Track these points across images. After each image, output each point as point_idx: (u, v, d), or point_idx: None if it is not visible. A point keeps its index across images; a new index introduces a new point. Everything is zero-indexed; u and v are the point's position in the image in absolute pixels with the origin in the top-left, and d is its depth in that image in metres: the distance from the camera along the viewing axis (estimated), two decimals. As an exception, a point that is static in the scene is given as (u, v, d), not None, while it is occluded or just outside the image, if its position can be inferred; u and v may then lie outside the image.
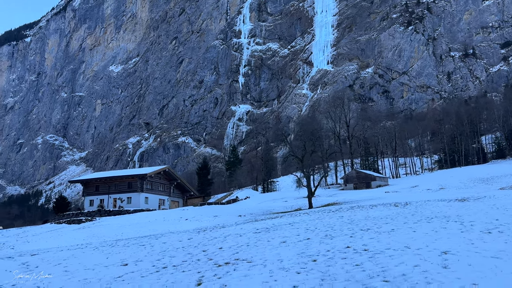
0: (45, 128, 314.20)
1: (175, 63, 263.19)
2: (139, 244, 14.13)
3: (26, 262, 12.08)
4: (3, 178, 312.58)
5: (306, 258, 8.44)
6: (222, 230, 16.61)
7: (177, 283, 7.18)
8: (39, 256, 13.22)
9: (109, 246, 14.82)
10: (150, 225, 38.87)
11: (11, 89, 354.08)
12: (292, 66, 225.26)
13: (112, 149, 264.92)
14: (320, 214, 21.40)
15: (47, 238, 34.64)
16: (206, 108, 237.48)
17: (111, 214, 56.35)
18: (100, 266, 10.13)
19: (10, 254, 17.34)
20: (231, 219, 40.80)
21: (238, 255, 9.34)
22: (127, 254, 11.82)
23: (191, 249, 11.44)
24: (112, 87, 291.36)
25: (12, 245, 32.83)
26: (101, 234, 34.88)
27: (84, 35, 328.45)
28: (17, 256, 13.83)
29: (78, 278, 8.73)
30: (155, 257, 10.86)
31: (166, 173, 68.87)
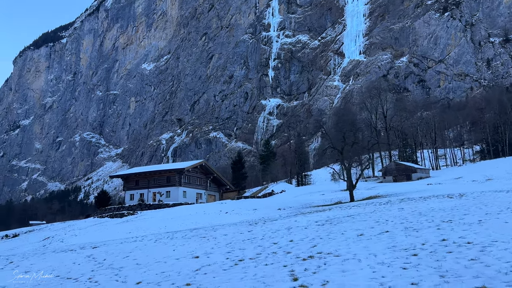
0: (82, 126, 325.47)
1: (205, 59, 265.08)
2: (200, 236, 13.79)
3: (91, 255, 11.96)
4: (44, 175, 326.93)
5: (402, 252, 7.71)
6: (275, 223, 16.05)
7: (268, 277, 6.64)
8: (101, 249, 13.14)
9: (168, 239, 14.58)
10: (192, 218, 38.98)
11: (49, 89, 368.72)
12: (322, 57, 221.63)
13: (147, 145, 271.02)
14: (373, 207, 20.42)
15: (93, 232, 35.38)
16: (236, 103, 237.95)
17: (151, 208, 57.25)
18: (171, 259, 9.80)
19: (69, 247, 17.49)
20: (271, 212, 40.27)
21: (317, 249, 8.72)
22: (192, 247, 11.47)
23: (259, 241, 10.95)
24: (145, 84, 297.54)
25: (61, 238, 33.73)
26: (146, 227, 35.25)
27: (116, 34, 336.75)
28: (79, 249, 13.83)
29: (155, 271, 8.39)
30: (224, 249, 10.44)
31: (202, 167, 69.32)
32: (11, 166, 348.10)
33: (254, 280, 6.45)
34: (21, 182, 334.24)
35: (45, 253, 13.75)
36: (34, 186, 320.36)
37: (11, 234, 70.82)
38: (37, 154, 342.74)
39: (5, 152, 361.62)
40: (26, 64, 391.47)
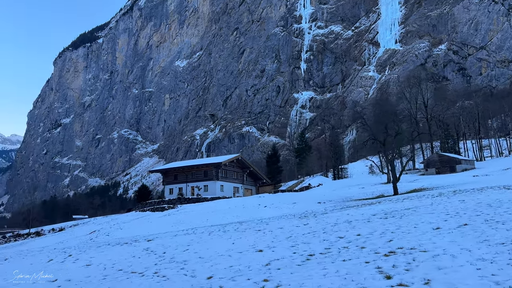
0: (120, 123, 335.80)
1: (236, 54, 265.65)
2: (254, 229, 13.40)
3: (148, 248, 11.83)
4: (85, 171, 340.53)
5: (500, 247, 6.86)
6: (328, 216, 15.40)
7: (354, 274, 6.06)
8: (157, 242, 13.03)
9: (221, 232, 14.28)
10: (233, 212, 38.91)
11: (87, 88, 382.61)
12: (356, 48, 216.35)
13: (181, 141, 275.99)
14: (428, 199, 19.28)
15: (138, 225, 36.01)
16: (268, 97, 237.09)
17: (190, 202, 57.90)
18: (234, 252, 9.44)
19: (118, 240, 17.60)
20: (311, 206, 39.50)
21: (395, 243, 8.03)
22: (250, 240, 11.08)
23: (321, 235, 10.39)
24: (179, 81, 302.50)
25: (107, 232, 34.55)
26: (188, 220, 35.47)
27: (150, 33, 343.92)
28: (134, 242, 13.81)
29: (222, 266, 8.03)
30: (286, 243, 9.96)
31: (238, 162, 69.39)
32: (54, 163, 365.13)
33: (340, 277, 5.88)
34: (63, 178, 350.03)
35: (101, 246, 13.82)
36: (76, 182, 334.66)
37: (57, 228, 73.92)
38: (78, 151, 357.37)
39: (48, 150, 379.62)
40: (65, 65, 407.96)
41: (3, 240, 71.50)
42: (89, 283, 7.67)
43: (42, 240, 45.63)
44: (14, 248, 40.80)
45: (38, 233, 71.60)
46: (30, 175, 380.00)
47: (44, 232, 72.10)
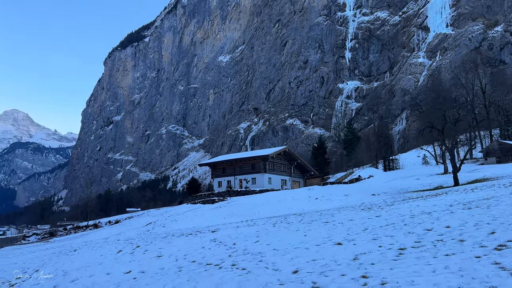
0: (167, 119, 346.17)
1: (279, 46, 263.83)
2: (321, 221, 12.76)
3: (215, 239, 11.59)
4: (136, 166, 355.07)
5: None
6: (398, 207, 14.40)
7: (469, 270, 5.27)
8: (222, 233, 12.78)
9: (285, 223, 13.78)
10: (284, 204, 38.43)
11: (136, 86, 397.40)
12: (404, 33, 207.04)
13: (226, 135, 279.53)
14: (504, 189, 17.59)
15: (192, 217, 36.50)
16: (312, 88, 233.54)
17: (239, 194, 58.19)
18: (309, 245, 8.88)
19: (175, 231, 17.61)
20: (365, 198, 38.07)
21: (501, 236, 7.06)
22: (322, 232, 10.46)
23: (404, 227, 9.55)
24: (222, 76, 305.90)
25: (162, 224, 35.30)
26: (240, 212, 35.45)
27: (194, 30, 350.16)
28: (197, 233, 13.68)
29: (304, 259, 7.50)
30: (364, 235, 9.25)
31: (286, 154, 68.74)
32: (107, 158, 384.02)
33: (454, 274, 5.11)
34: (116, 173, 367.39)
35: (166, 237, 13.81)
36: (128, 176, 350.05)
37: (113, 220, 77.34)
38: (129, 147, 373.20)
39: (102, 146, 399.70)
40: (115, 64, 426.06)
41: (64, 232, 75.96)
42: (165, 275, 7.42)
43: (101, 232, 47.66)
44: (77, 240, 42.94)
45: (96, 225, 75.32)
46: (85, 171, 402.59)
47: (101, 224, 75.73)
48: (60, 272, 9.70)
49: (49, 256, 13.98)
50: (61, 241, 48.18)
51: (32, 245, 51.83)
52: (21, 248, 42.41)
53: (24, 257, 16.74)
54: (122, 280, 7.55)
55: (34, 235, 75.87)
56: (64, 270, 9.81)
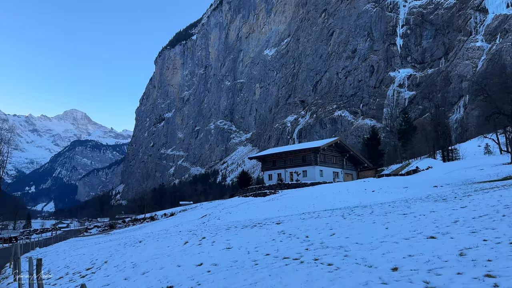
0: (215, 114, 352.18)
1: (325, 36, 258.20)
2: (397, 212, 11.78)
3: (282, 231, 10.99)
4: (187, 160, 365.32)
5: None
6: (479, 198, 12.98)
7: None
8: (288, 225, 12.18)
9: (355, 215, 12.90)
10: (339, 197, 37.21)
11: (185, 83, 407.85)
12: (460, 16, 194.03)
13: (273, 129, 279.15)
14: None
15: (245, 209, 36.36)
16: (361, 78, 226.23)
17: (290, 187, 57.48)
18: (397, 238, 8.01)
19: (233, 223, 17.23)
20: (427, 190, 35.84)
21: None
22: (404, 225, 9.50)
23: (504, 218, 8.40)
24: (268, 70, 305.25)
25: (217, 216, 35.49)
26: (294, 205, 34.79)
27: (239, 25, 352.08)
28: (264, 225, 13.20)
29: (399, 254, 6.68)
30: (459, 228, 8.19)
31: (338, 145, 66.84)
32: (160, 154, 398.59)
33: None
34: (169, 168, 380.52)
35: (230, 228, 13.47)
36: (180, 171, 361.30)
37: (168, 213, 79.91)
38: (180, 142, 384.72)
39: (155, 143, 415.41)
40: (165, 63, 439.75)
41: (123, 224, 79.73)
42: (241, 269, 6.92)
43: (159, 224, 49.02)
44: (137, 231, 44.47)
45: (152, 217, 78.23)
46: (140, 166, 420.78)
47: (157, 216, 78.53)
48: (129, 264, 9.58)
49: (115, 248, 14.17)
50: (121, 233, 50.27)
51: (94, 236, 54.65)
52: (85, 240, 44.70)
53: (91, 248, 17.23)
54: (196, 274, 7.13)
55: (95, 227, 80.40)
56: (133, 262, 9.67)
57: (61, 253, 18.36)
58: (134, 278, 7.89)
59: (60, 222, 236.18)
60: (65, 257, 15.51)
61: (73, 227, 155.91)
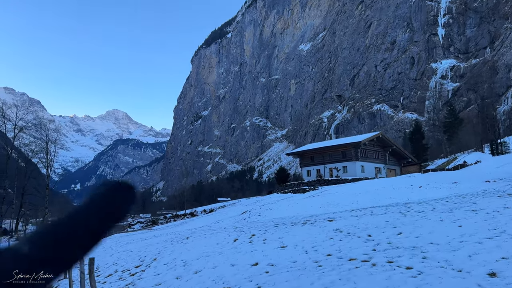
0: (251, 111, 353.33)
1: (362, 28, 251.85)
2: (463, 209, 10.72)
3: (337, 229, 10.28)
4: (224, 157, 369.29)
5: None
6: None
7: None
8: (342, 222, 11.44)
9: (414, 211, 11.90)
10: (383, 193, 35.74)
11: (221, 81, 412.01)
12: (507, 3, 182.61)
13: (309, 125, 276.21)
14: None
15: (285, 206, 35.79)
16: (401, 71, 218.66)
17: (330, 183, 56.19)
18: (479, 238, 7.15)
19: (284, 219, 16.66)
20: (479, 185, 33.65)
21: None
22: (479, 222, 8.59)
23: None
24: (303, 65, 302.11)
25: (257, 212, 35.13)
26: (336, 201, 33.79)
27: (274, 21, 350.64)
28: (315, 222, 12.58)
29: (493, 257, 5.90)
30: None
31: (379, 140, 64.61)
32: (198, 151, 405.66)
33: None
34: (206, 165, 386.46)
35: (278, 225, 12.94)
36: (217, 168, 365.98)
37: (207, 209, 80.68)
38: (217, 140, 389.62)
39: (192, 140, 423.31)
40: (201, 62, 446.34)
41: (165, 220, 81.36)
42: (304, 271, 6.34)
43: (199, 220, 49.40)
44: (178, 227, 45.01)
45: (192, 213, 79.28)
46: (179, 163, 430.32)
47: (197, 213, 79.49)
48: (180, 261, 9.25)
49: (162, 244, 14.00)
50: (163, 228, 51.17)
51: (137, 232, 56.00)
52: (129, 235, 45.80)
53: (137, 244, 17.28)
54: (253, 274, 6.64)
55: (138, 223, 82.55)
56: (183, 259, 9.34)
57: (108, 249, 18.56)
58: (187, 277, 7.51)
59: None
60: (112, 253, 15.58)
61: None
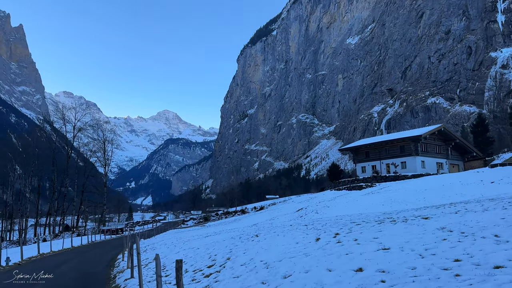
0: (297, 108, 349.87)
1: (414, 18, 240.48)
2: None
3: (443, 228, 8.72)
4: (270, 155, 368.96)
5: None
6: None
7: None
8: (443, 221, 9.85)
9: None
10: (451, 189, 32.85)
11: (266, 79, 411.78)
12: None
13: (358, 120, 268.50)
14: None
15: (344, 203, 34.05)
16: (457, 61, 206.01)
17: (387, 180, 53.28)
18: None
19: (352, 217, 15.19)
20: None
21: None
22: None
23: None
24: (351, 59, 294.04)
25: (314, 210, 33.69)
26: (400, 198, 31.51)
27: (320, 16, 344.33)
28: (409, 220, 11.06)
29: None
30: None
31: (441, 133, 60.37)
32: (245, 149, 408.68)
33: None
34: (253, 163, 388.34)
35: (361, 224, 11.47)
36: (264, 166, 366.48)
37: (258, 207, 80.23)
38: (263, 137, 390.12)
39: (239, 139, 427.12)
40: (246, 61, 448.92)
41: (216, 217, 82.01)
42: (436, 281, 4.86)
43: (253, 217, 48.70)
44: (233, 224, 44.54)
45: (243, 210, 79.18)
46: (226, 161, 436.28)
47: (248, 210, 79.27)
48: (259, 263, 8.10)
49: (229, 241, 13.06)
50: (216, 225, 51.08)
51: (191, 228, 56.46)
52: (185, 231, 46.04)
53: (201, 241, 16.56)
54: (365, 284, 5.33)
55: (191, 219, 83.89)
56: (263, 260, 8.16)
57: (171, 246, 18.03)
58: (275, 282, 6.35)
59: (158, 214, 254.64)
60: (177, 250, 14.92)
61: (169, 219, 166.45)
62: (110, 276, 14.43)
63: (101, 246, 34.89)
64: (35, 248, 30.27)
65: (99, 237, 53.82)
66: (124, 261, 17.00)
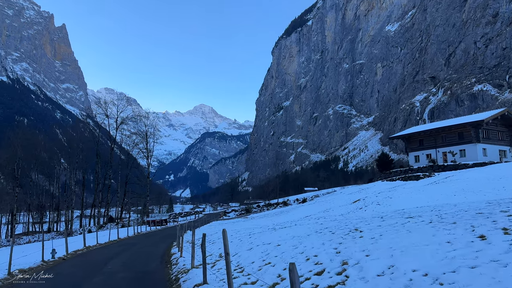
0: (334, 99, 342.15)
1: (458, 2, 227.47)
2: None
3: None
4: (306, 147, 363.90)
5: None
6: None
7: None
8: None
9: None
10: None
11: (302, 70, 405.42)
12: None
13: (399, 110, 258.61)
14: None
15: (407, 194, 31.02)
16: (506, 45, 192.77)
17: (446, 169, 49.18)
18: None
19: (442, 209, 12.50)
20: None
21: None
22: None
23: None
24: (391, 47, 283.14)
25: (375, 201, 30.94)
26: (474, 188, 28.12)
27: (357, 3, 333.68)
28: None
29: None
30: None
31: (504, 118, 55.20)
32: (280, 142, 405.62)
33: None
34: (289, 155, 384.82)
35: (487, 215, 8.81)
36: (300, 158, 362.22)
37: (300, 199, 77.76)
38: (299, 130, 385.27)
39: (275, 131, 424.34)
40: (281, 52, 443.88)
41: (258, 209, 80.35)
42: None
43: (302, 209, 46.33)
44: (283, 216, 42.43)
45: (285, 202, 77.00)
46: (262, 154, 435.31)
47: (290, 202, 77.01)
48: (411, 273, 5.11)
49: (316, 237, 10.17)
50: (261, 217, 49.20)
51: (234, 220, 54.90)
52: (230, 223, 44.44)
53: (269, 236, 14.21)
54: None
55: (233, 211, 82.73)
56: (416, 269, 5.47)
57: (234, 240, 15.79)
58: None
59: (197, 206, 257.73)
60: (250, 247, 12.32)
61: (208, 211, 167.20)
62: (170, 277, 12.28)
63: (148, 238, 33.79)
64: (80, 240, 29.50)
65: (144, 228, 53.41)
66: (183, 257, 14.96)
